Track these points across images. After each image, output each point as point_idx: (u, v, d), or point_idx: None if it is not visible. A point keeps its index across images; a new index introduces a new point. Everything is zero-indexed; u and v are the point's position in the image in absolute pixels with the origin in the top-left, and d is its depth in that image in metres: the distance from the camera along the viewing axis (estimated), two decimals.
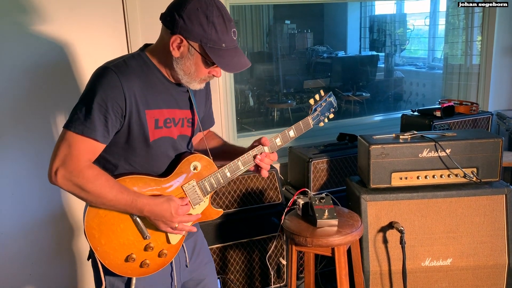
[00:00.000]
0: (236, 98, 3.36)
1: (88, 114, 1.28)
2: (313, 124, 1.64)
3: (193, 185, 1.47)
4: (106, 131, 1.31)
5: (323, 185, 2.80)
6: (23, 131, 2.32)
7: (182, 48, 1.33)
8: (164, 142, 1.43)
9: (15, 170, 2.33)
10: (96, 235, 1.35)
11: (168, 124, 1.43)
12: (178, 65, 1.36)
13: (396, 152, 2.27)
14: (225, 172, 1.50)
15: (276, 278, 2.68)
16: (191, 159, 1.46)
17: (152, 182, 1.41)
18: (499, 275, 2.29)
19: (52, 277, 2.52)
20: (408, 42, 6.52)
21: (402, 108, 5.86)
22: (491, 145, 2.28)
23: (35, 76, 2.30)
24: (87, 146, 1.30)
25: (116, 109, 1.30)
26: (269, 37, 6.87)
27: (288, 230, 2.03)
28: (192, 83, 1.40)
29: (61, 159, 1.28)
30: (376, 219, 2.27)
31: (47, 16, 2.27)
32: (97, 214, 1.35)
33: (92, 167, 1.31)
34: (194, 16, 1.29)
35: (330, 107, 1.68)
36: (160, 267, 1.46)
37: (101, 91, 1.28)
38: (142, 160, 1.41)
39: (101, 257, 1.37)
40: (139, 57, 1.39)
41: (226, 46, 1.32)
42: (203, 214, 1.52)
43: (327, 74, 6.12)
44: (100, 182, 1.30)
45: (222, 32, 1.31)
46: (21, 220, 2.39)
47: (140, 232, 1.41)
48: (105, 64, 1.35)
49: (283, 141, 1.59)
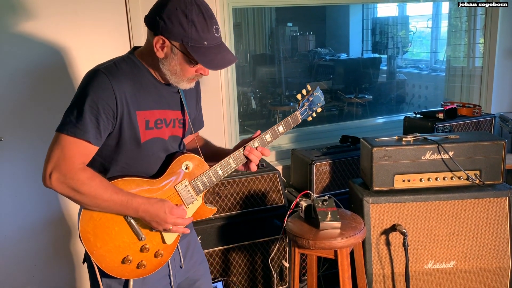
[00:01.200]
0: (239, 100, 3.37)
1: (80, 116, 1.29)
2: (302, 118, 1.67)
3: (185, 185, 1.48)
4: (98, 133, 1.32)
5: (325, 188, 2.80)
6: (23, 133, 2.33)
7: (166, 48, 1.34)
8: (155, 143, 1.44)
9: (15, 172, 2.34)
10: (92, 239, 1.35)
11: (159, 125, 1.44)
12: (164, 65, 1.37)
13: (399, 154, 2.27)
14: (217, 170, 1.51)
15: (279, 281, 2.68)
16: (182, 159, 1.47)
17: (145, 184, 1.41)
18: (502, 278, 2.28)
19: (52, 279, 2.52)
20: (410, 44, 6.51)
21: (405, 111, 5.84)
22: (494, 147, 2.27)
23: (37, 78, 2.31)
24: (80, 148, 1.31)
25: (107, 111, 1.31)
26: (271, 39, 6.87)
27: (291, 233, 2.03)
28: (180, 82, 1.41)
29: (54, 162, 1.29)
30: (379, 222, 2.26)
31: (51, 19, 2.28)
32: (91, 217, 1.35)
33: (85, 170, 1.32)
34: (173, 16, 1.30)
35: (318, 101, 1.70)
36: (157, 268, 1.47)
37: (92, 94, 1.29)
38: (133, 162, 1.42)
39: (98, 260, 1.37)
40: (129, 59, 1.41)
41: (208, 44, 1.33)
42: (197, 212, 1.53)
43: (330, 76, 6.11)
44: (94, 183, 1.30)
45: (203, 30, 1.32)
46: (21, 223, 2.39)
47: (135, 234, 1.41)
48: (96, 67, 1.36)
49: (272, 137, 1.59)
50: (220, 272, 2.57)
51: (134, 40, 2.46)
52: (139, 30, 2.46)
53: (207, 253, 2.52)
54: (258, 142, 1.56)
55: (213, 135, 2.12)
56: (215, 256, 2.54)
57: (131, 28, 2.45)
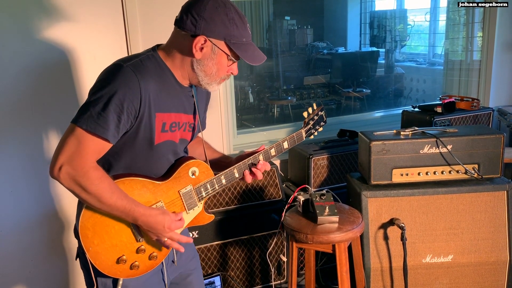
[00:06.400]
0: (236, 94, 3.35)
1: (103, 112, 1.24)
2: (305, 136, 1.76)
3: (189, 190, 1.48)
4: (117, 132, 1.28)
5: (323, 182, 2.80)
6: (19, 129, 2.31)
7: (205, 49, 1.34)
8: (166, 146, 1.43)
9: (11, 168, 2.32)
10: (90, 235, 1.33)
11: (173, 128, 1.42)
12: (199, 66, 1.37)
13: (397, 148, 2.26)
14: (221, 178, 1.53)
15: (277, 275, 2.68)
16: (190, 164, 1.48)
17: (150, 185, 1.40)
18: (500, 272, 2.28)
19: (46, 275, 2.51)
20: (408, 38, 6.49)
21: (403, 104, 5.84)
22: (492, 141, 2.27)
23: (34, 74, 2.29)
24: (96, 145, 1.27)
25: (130, 110, 1.28)
26: (269, 33, 6.84)
27: (289, 227, 2.03)
28: (212, 84, 1.42)
29: (68, 155, 1.24)
30: (377, 216, 2.26)
31: (47, 16, 2.26)
32: (93, 214, 1.33)
33: (97, 169, 1.28)
34: (215, 15, 1.32)
35: (321, 121, 1.81)
36: (149, 269, 1.46)
37: (119, 91, 1.25)
38: (141, 162, 1.40)
39: (92, 257, 1.35)
40: (153, 58, 1.38)
41: (246, 41, 1.37)
42: (196, 218, 1.54)
43: (327, 70, 6.10)
44: (103, 185, 1.27)
45: (242, 28, 1.36)
46: (16, 218, 2.38)
47: (134, 234, 1.40)
48: (120, 62, 1.32)
49: (277, 152, 1.66)
50: (218, 267, 2.57)
51: (130, 37, 2.44)
52: (135, 27, 2.44)
53: (204, 248, 2.51)
54: (263, 156, 1.60)
55: (211, 130, 2.11)
56: (212, 251, 2.53)
57: (127, 24, 2.43)
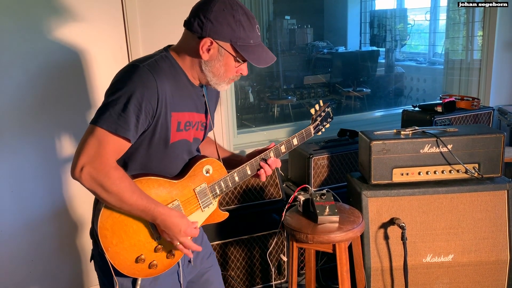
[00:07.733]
0: (236, 94, 3.35)
1: (123, 112, 1.26)
2: (314, 133, 1.80)
3: (204, 188, 1.50)
4: (135, 131, 1.30)
5: (324, 181, 2.79)
6: (25, 127, 2.31)
7: (212, 50, 1.36)
8: (181, 145, 1.44)
9: (16, 166, 2.33)
10: (108, 236, 1.34)
11: (187, 127, 1.44)
12: (207, 67, 1.39)
13: (397, 148, 2.26)
14: (234, 176, 1.56)
15: (277, 275, 2.68)
16: (204, 163, 1.50)
17: (166, 184, 1.42)
18: (500, 271, 2.28)
19: (54, 274, 2.52)
20: (408, 37, 6.48)
21: (403, 104, 5.83)
22: (492, 140, 2.26)
23: (35, 74, 2.29)
24: (117, 145, 1.29)
25: (148, 110, 1.30)
26: (269, 32, 6.83)
27: (289, 227, 2.02)
28: (221, 84, 1.44)
29: (89, 156, 1.25)
30: (377, 215, 2.26)
31: (47, 16, 2.26)
32: (111, 214, 1.33)
33: (118, 169, 1.30)
34: (221, 17, 1.32)
35: (328, 117, 1.85)
36: (167, 268, 1.47)
37: (137, 91, 1.27)
38: (157, 161, 1.41)
39: (111, 257, 1.35)
40: (167, 58, 1.40)
41: (253, 42, 1.38)
42: (211, 216, 1.56)
43: (328, 69, 6.09)
44: (124, 185, 1.28)
45: (249, 29, 1.36)
46: (22, 217, 2.38)
47: (152, 233, 1.41)
48: (136, 62, 1.34)
49: (287, 148, 1.69)
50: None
51: (130, 36, 2.44)
52: (135, 26, 2.44)
53: None
54: (273, 153, 1.63)
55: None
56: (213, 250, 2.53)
57: (126, 23, 2.43)
